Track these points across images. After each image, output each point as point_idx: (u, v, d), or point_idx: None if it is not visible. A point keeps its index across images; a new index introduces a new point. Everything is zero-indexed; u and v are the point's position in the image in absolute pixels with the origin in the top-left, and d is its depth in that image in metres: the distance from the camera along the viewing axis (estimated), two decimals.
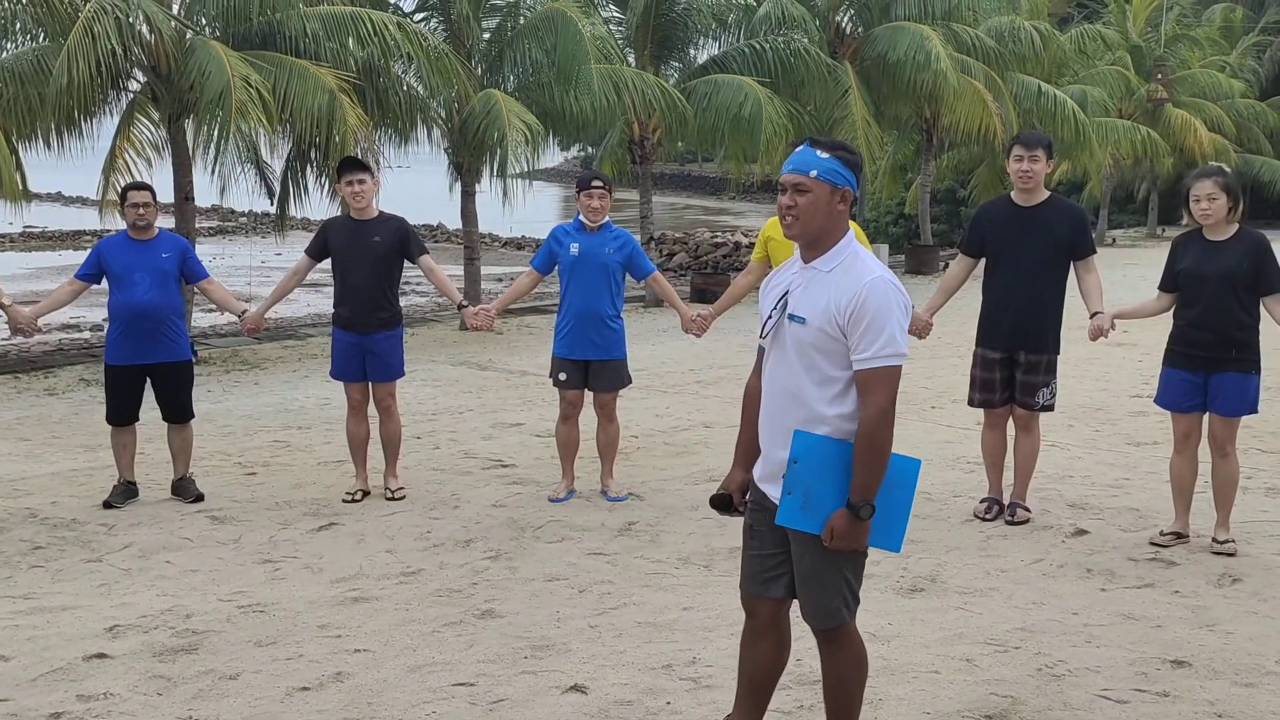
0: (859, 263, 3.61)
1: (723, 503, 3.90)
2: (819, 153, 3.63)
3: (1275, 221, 37.35)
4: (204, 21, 14.11)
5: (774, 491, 3.72)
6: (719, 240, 25.51)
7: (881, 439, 3.56)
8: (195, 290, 8.64)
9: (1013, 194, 6.85)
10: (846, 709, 3.85)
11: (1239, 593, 5.79)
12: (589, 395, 7.47)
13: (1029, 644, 5.12)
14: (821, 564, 3.66)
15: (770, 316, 3.72)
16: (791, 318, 3.63)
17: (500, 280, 22.77)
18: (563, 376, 7.37)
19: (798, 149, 3.69)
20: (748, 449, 3.91)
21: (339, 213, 8.20)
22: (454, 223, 20.44)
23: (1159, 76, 32.66)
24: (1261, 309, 6.22)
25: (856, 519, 3.57)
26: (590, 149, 25.78)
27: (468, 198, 17.16)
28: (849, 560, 3.70)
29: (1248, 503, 7.12)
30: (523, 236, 34.21)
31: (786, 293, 3.69)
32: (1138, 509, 7.17)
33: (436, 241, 34.84)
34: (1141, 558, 6.30)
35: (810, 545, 3.66)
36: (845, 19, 22.99)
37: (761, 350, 3.85)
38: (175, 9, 13.95)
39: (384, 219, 7.39)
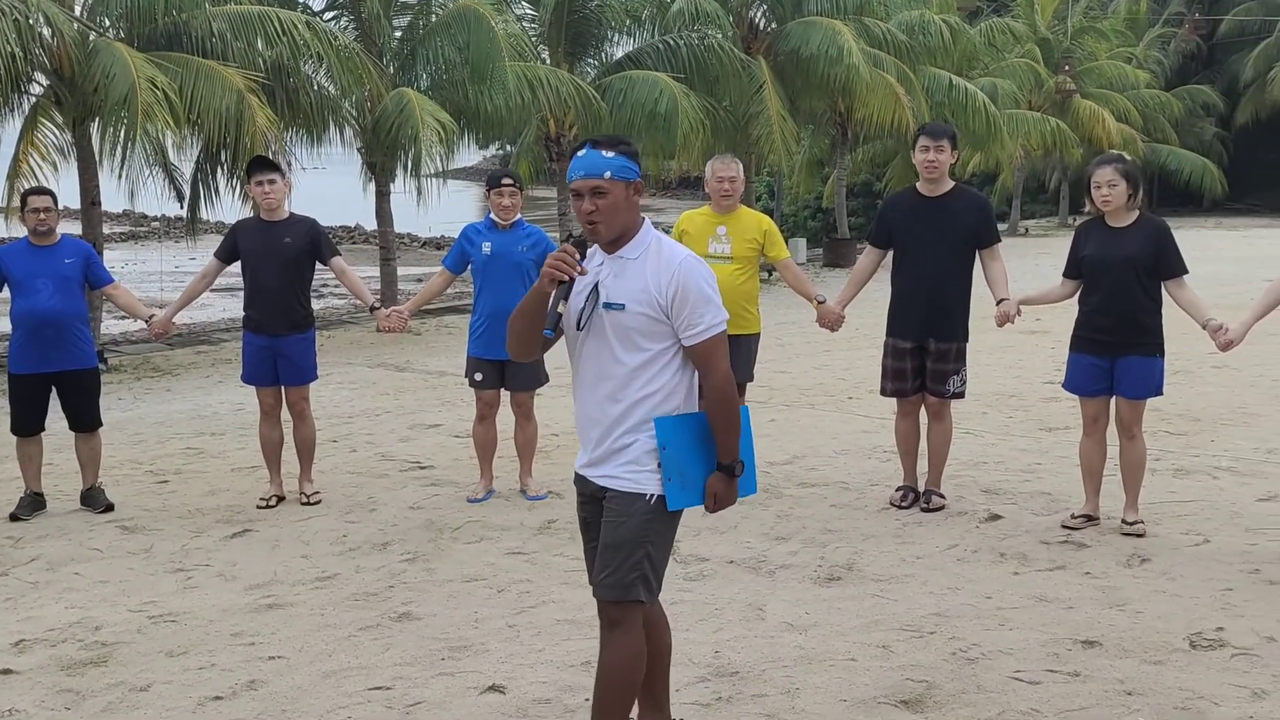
0: (665, 247, 3.74)
1: (583, 243, 3.74)
2: (605, 153, 3.67)
3: (1182, 209, 38.30)
4: (107, 23, 13.85)
5: (598, 475, 3.77)
6: None
7: (733, 399, 3.72)
8: (104, 296, 8.48)
9: (919, 185, 6.92)
10: (610, 705, 3.76)
11: (1148, 572, 5.90)
12: (506, 395, 7.43)
13: (944, 629, 5.18)
14: (629, 534, 3.69)
15: (584, 309, 3.73)
16: (608, 306, 3.69)
17: (419, 280, 22.57)
18: (479, 377, 7.32)
19: (580, 154, 3.70)
20: None
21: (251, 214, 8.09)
22: (372, 224, 20.27)
23: (1066, 69, 33.26)
24: (1164, 293, 6.35)
25: (732, 477, 3.75)
26: (508, 147, 25.70)
27: (382, 198, 17.02)
28: (657, 537, 3.73)
29: (1156, 484, 7.27)
30: (442, 236, 33.95)
31: (597, 283, 3.72)
32: (1050, 493, 7.29)
33: (354, 243, 34.47)
34: (1053, 541, 6.41)
35: (626, 514, 3.69)
36: (758, 14, 23.14)
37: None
38: (77, 10, 13.68)
39: (295, 220, 7.30)
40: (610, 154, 3.67)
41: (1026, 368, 11.74)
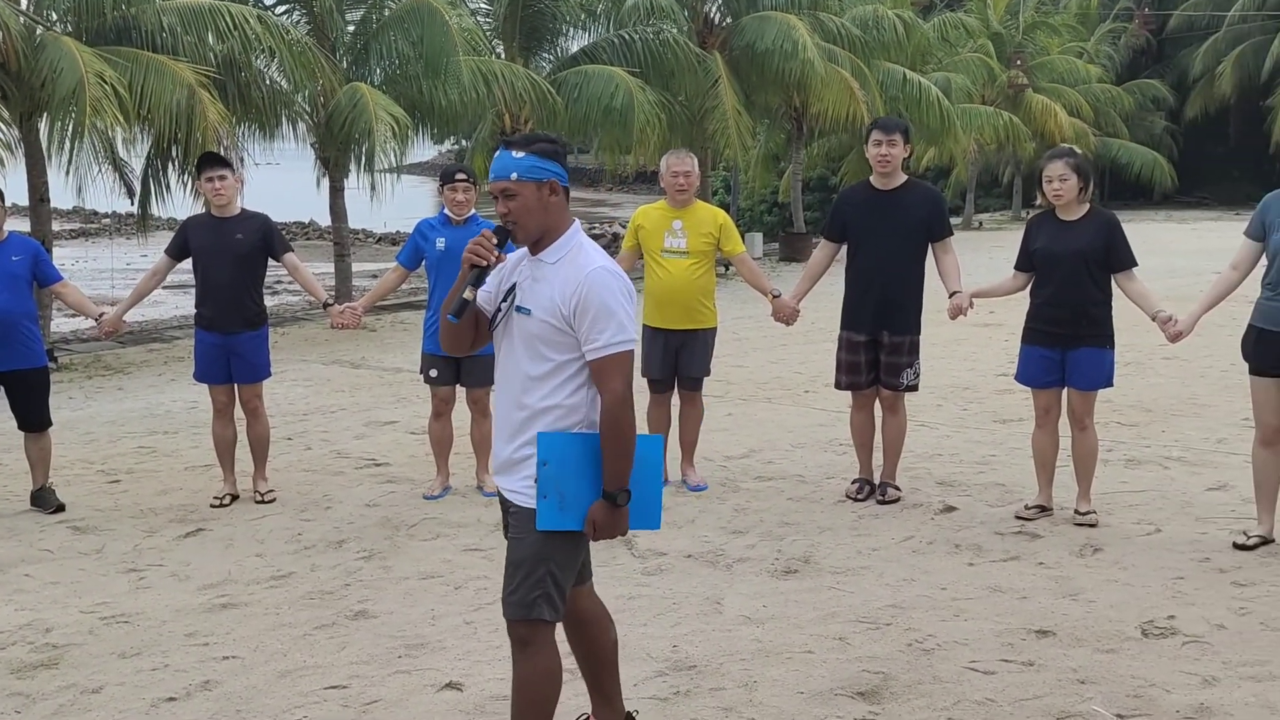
0: (582, 254, 3.56)
1: (505, 230, 3.62)
2: (514, 153, 3.55)
3: (1133, 202, 38.70)
4: (55, 16, 13.69)
5: (504, 487, 3.67)
6: (597, 232, 25.69)
7: (625, 423, 3.51)
8: (53, 295, 8.38)
9: (872, 178, 6.96)
10: None
11: (1100, 562, 5.96)
12: (462, 391, 7.40)
13: (900, 620, 5.21)
14: (530, 551, 3.57)
15: (499, 310, 3.65)
16: (519, 309, 3.59)
17: (374, 276, 22.43)
18: (434, 373, 7.28)
19: (496, 154, 3.63)
20: None
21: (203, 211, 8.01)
22: (326, 220, 20.15)
23: (1018, 63, 33.51)
24: (1114, 285, 6.41)
25: (615, 506, 3.55)
26: (463, 142, 25.61)
27: (336, 193, 16.92)
28: (559, 555, 3.59)
29: (1108, 475, 7.34)
30: (397, 232, 33.82)
31: (515, 285, 3.63)
32: (1004, 484, 7.35)
33: (308, 239, 34.26)
34: (1007, 532, 6.46)
35: (525, 531, 3.58)
36: (713, 9, 23.17)
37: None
38: (24, 3, 13.51)
39: (246, 216, 7.23)
40: (520, 154, 3.54)
41: (980, 360, 11.83)
